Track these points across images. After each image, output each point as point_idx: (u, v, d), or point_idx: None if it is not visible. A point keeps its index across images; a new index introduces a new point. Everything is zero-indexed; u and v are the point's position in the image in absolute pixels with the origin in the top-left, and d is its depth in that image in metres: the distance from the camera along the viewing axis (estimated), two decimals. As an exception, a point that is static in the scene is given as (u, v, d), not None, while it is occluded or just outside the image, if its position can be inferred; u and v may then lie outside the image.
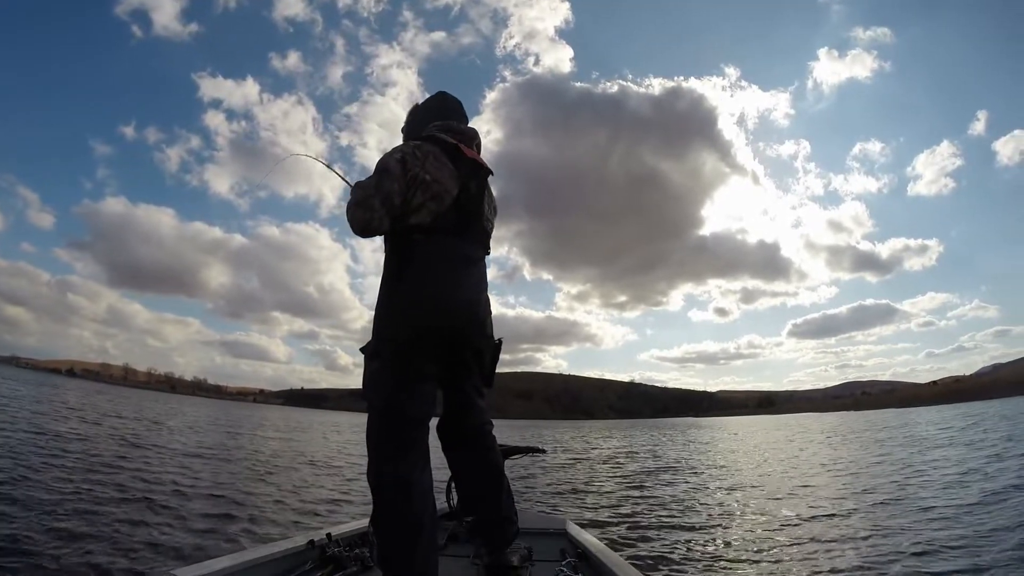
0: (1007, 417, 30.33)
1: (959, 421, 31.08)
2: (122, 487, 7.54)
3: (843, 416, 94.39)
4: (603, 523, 7.02)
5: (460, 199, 2.07)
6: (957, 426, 26.43)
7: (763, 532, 6.44)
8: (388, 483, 1.87)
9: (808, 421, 73.30)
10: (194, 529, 5.93)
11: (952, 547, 5.37)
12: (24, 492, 6.43)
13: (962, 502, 7.44)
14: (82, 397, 38.86)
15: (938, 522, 6.41)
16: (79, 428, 15.14)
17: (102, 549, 4.88)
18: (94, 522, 5.63)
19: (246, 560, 2.22)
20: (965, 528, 6.05)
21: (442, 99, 2.41)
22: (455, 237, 2.06)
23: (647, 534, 6.40)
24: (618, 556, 2.46)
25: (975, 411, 45.82)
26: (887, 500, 8.03)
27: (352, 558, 2.44)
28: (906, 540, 5.67)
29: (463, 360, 2.12)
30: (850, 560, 5.17)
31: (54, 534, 5.08)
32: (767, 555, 5.48)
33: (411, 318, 1.95)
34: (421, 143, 2.12)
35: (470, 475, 2.29)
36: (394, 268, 2.03)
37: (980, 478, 9.37)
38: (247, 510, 7.12)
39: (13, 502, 5.94)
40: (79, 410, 22.97)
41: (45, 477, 7.45)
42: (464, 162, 2.13)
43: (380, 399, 1.94)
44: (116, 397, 52.64)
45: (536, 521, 3.30)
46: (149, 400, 59.88)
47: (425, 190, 2.00)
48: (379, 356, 1.97)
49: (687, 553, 5.59)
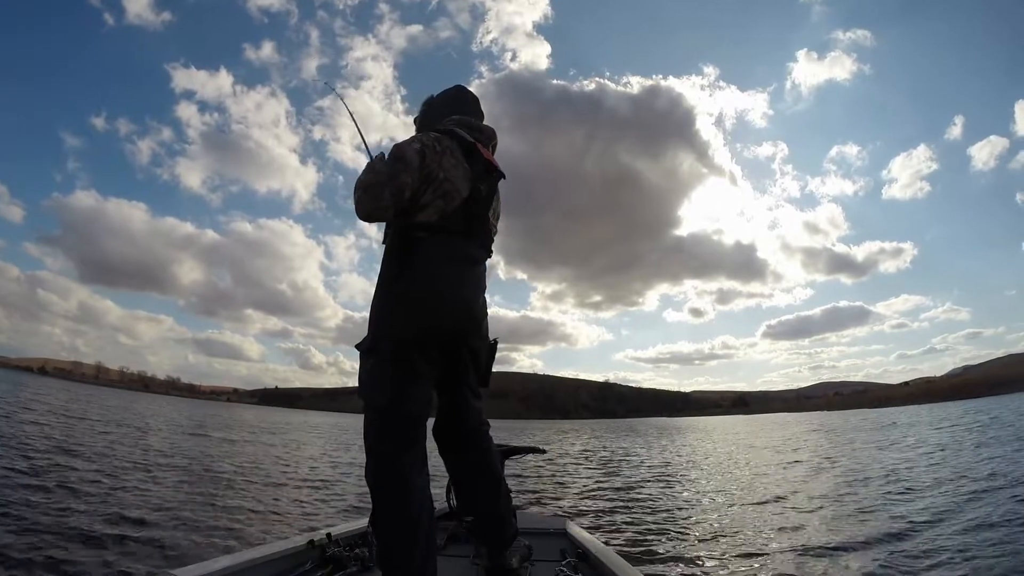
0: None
1: (968, 418, 31.73)
2: (115, 488, 7.44)
3: (820, 416, 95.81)
4: (603, 523, 7.04)
5: (469, 200, 2.04)
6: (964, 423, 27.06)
7: (763, 532, 6.50)
8: (386, 483, 1.87)
9: (785, 421, 74.22)
10: (194, 530, 5.85)
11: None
12: (19, 495, 6.33)
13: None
14: (66, 398, 37.99)
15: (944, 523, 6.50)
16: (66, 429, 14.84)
17: (102, 549, 4.84)
18: (94, 522, 5.58)
19: (246, 560, 2.21)
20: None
21: (460, 92, 2.38)
22: (460, 237, 2.03)
23: (647, 534, 6.42)
24: (618, 556, 2.47)
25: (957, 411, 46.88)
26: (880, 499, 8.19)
27: (352, 558, 2.44)
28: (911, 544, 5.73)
29: (460, 360, 2.11)
30: (851, 560, 5.23)
31: (54, 534, 5.04)
32: (767, 555, 5.52)
33: (411, 317, 1.92)
34: (441, 136, 2.07)
35: (467, 476, 2.27)
36: (395, 265, 1.98)
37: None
38: (248, 510, 7.07)
39: (5, 504, 5.85)
40: (64, 411, 22.49)
41: (41, 479, 7.33)
42: (479, 163, 2.10)
43: (377, 398, 1.92)
44: (92, 397, 51.58)
45: (536, 521, 3.31)
46: (125, 399, 58.76)
47: (437, 188, 1.97)
48: (377, 354, 1.94)
49: (687, 553, 5.61)
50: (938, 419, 34.66)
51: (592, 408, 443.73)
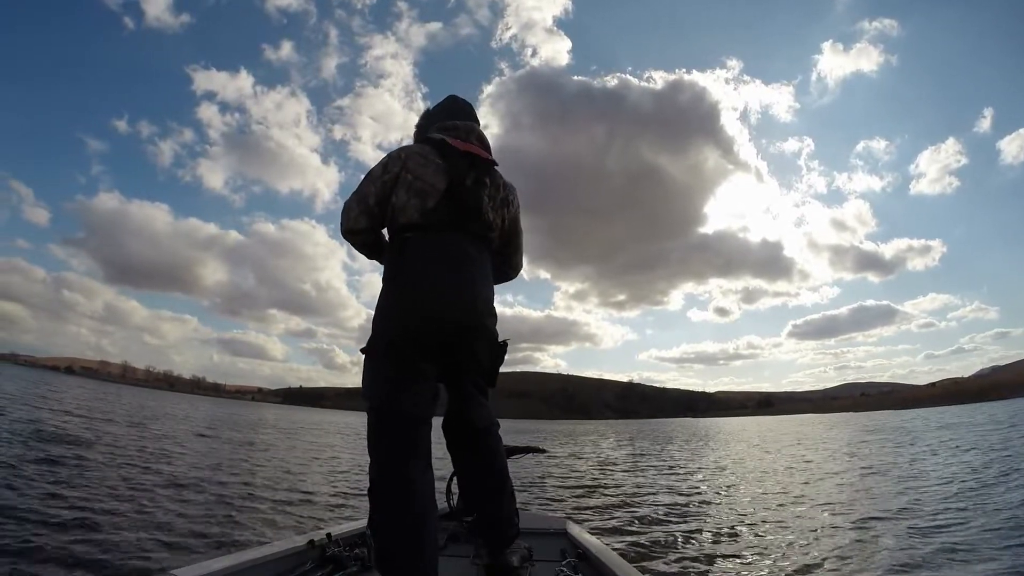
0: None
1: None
2: (123, 486, 7.54)
3: (846, 417, 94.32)
4: (603, 523, 7.00)
5: (452, 193, 2.07)
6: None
7: (764, 533, 6.44)
8: (385, 483, 1.86)
9: (810, 422, 73.14)
10: (194, 529, 5.91)
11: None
12: (21, 493, 6.41)
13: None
14: (92, 396, 38.79)
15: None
16: (97, 427, 15.09)
17: (102, 549, 4.87)
18: (93, 523, 5.61)
19: (246, 560, 2.21)
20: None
21: (450, 102, 2.45)
22: (454, 232, 2.05)
23: (647, 534, 6.38)
24: (618, 556, 2.45)
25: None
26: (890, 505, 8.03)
27: (352, 558, 2.43)
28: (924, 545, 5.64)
29: (458, 359, 2.09)
30: (851, 560, 5.17)
31: (53, 535, 5.06)
32: (768, 556, 5.47)
33: (403, 316, 1.95)
34: (409, 145, 2.24)
35: (473, 475, 2.25)
36: (387, 267, 2.07)
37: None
38: (249, 511, 7.13)
39: (11, 502, 5.93)
40: (93, 409, 22.93)
41: (46, 477, 7.43)
42: (452, 155, 2.14)
43: (375, 398, 1.94)
44: (120, 395, 52.63)
45: (536, 521, 3.29)
46: (156, 399, 59.78)
47: (408, 188, 2.06)
48: (374, 354, 1.97)
49: (688, 553, 5.58)
50: (985, 419, 33.82)
51: (615, 408, 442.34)
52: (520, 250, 2.47)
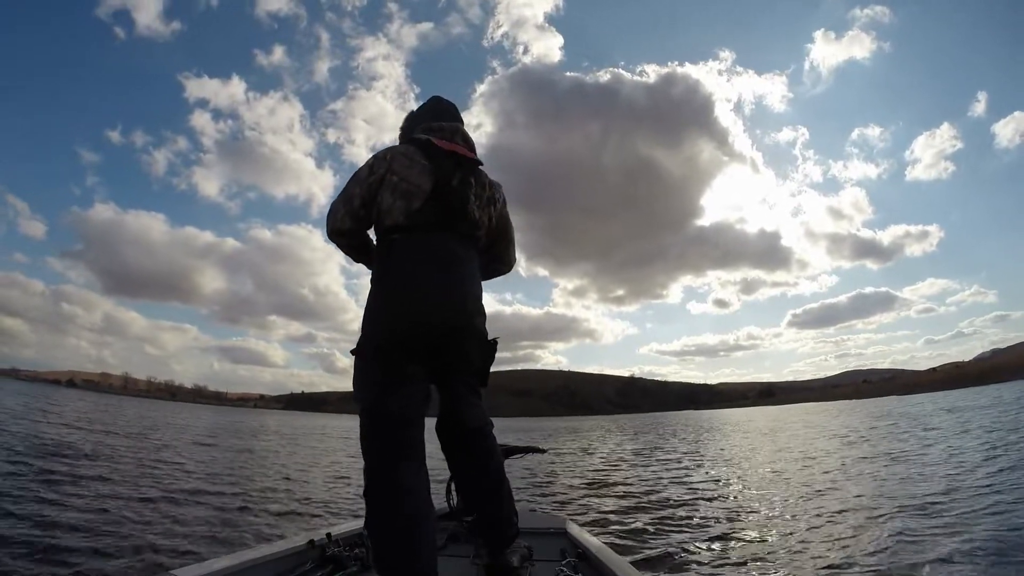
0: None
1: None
2: (123, 492, 7.53)
3: (850, 405, 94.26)
4: (603, 523, 6.94)
5: (438, 193, 2.07)
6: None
7: (765, 532, 6.36)
8: (377, 485, 1.86)
9: (815, 410, 73.09)
10: (193, 530, 5.94)
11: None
12: (21, 499, 6.43)
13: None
14: (93, 408, 38.77)
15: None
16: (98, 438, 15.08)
17: (102, 549, 4.91)
18: (93, 526, 5.64)
19: (246, 560, 2.22)
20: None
21: (434, 103, 2.45)
22: (440, 232, 2.05)
23: (647, 534, 6.33)
24: (618, 556, 2.45)
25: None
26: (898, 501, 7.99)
27: (352, 558, 2.43)
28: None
29: (448, 360, 2.08)
30: (851, 561, 5.11)
31: (53, 537, 5.10)
32: (769, 555, 5.40)
33: (388, 320, 1.95)
34: (394, 146, 2.22)
35: (470, 476, 2.24)
36: (375, 269, 2.09)
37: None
38: (249, 513, 7.14)
39: (14, 503, 5.99)
40: (94, 421, 22.99)
41: (47, 486, 7.41)
42: (438, 155, 2.14)
43: (364, 400, 1.94)
44: (122, 407, 52.59)
45: (536, 521, 3.28)
46: (153, 409, 59.74)
47: (393, 190, 2.06)
48: (363, 357, 1.98)
49: (688, 553, 5.50)
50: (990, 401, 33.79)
51: (617, 403, 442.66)
52: (512, 244, 2.48)
